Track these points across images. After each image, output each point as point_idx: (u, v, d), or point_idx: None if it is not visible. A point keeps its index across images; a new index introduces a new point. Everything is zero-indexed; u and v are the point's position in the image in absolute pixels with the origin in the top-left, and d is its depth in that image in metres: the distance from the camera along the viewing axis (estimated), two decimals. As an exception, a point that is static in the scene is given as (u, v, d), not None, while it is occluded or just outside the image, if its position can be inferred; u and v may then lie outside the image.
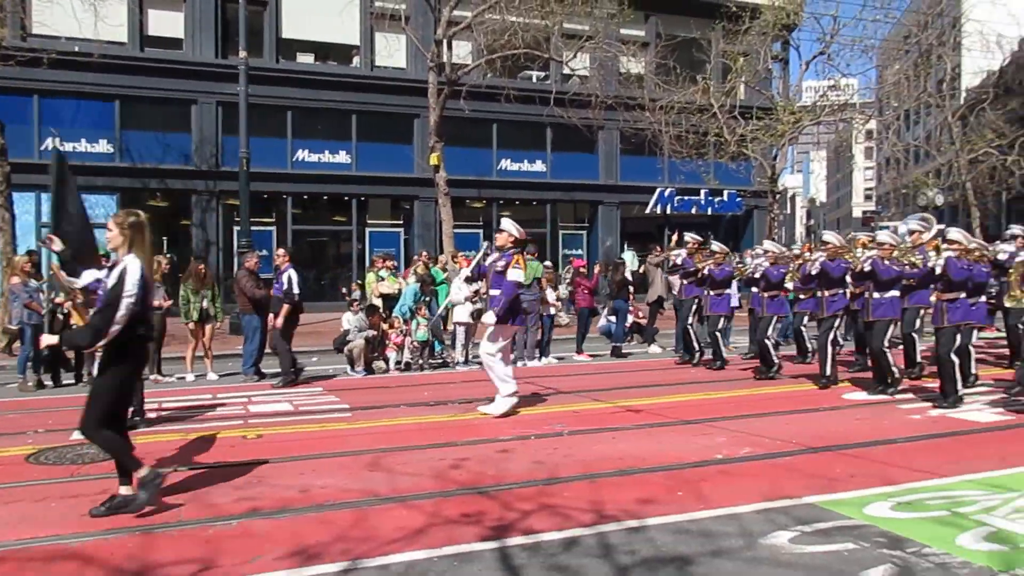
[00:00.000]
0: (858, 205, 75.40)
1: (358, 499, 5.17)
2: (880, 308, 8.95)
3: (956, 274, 8.20)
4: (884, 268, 8.81)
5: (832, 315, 9.74)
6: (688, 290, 12.23)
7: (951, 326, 8.28)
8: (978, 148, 24.41)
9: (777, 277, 10.57)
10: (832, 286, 9.67)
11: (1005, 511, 4.75)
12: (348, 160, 22.73)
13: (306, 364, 12.09)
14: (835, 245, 9.79)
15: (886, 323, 8.95)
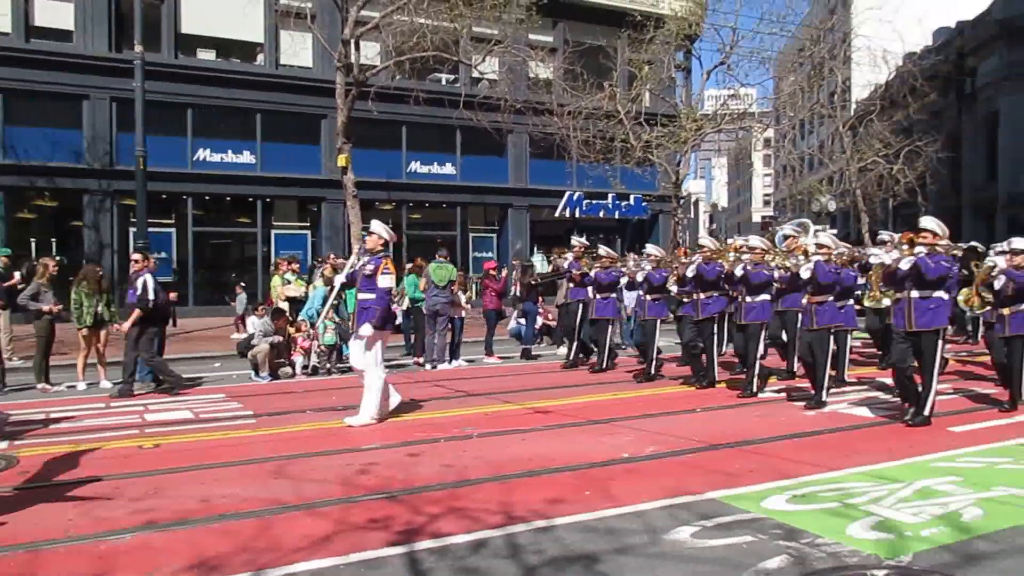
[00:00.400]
0: (757, 210, 78.38)
1: (261, 508, 5.03)
2: (752, 312, 9.17)
3: (823, 277, 8.36)
4: (754, 272, 9.00)
5: (708, 318, 9.85)
6: (574, 293, 12.24)
7: (821, 328, 8.44)
8: (867, 157, 25.71)
9: (659, 280, 10.64)
10: (708, 289, 9.77)
11: (891, 501, 5.00)
12: (252, 160, 22.13)
13: (207, 370, 11.71)
14: (710, 249, 9.95)
15: (758, 326, 9.17)
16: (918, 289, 7.33)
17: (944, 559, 4.04)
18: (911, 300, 7.38)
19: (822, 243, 8.79)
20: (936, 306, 7.31)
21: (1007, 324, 8.25)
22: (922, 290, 7.31)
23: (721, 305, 9.92)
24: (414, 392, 10.04)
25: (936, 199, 31.91)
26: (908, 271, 7.32)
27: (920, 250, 7.35)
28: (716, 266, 9.66)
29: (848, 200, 28.19)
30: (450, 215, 25.34)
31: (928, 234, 7.46)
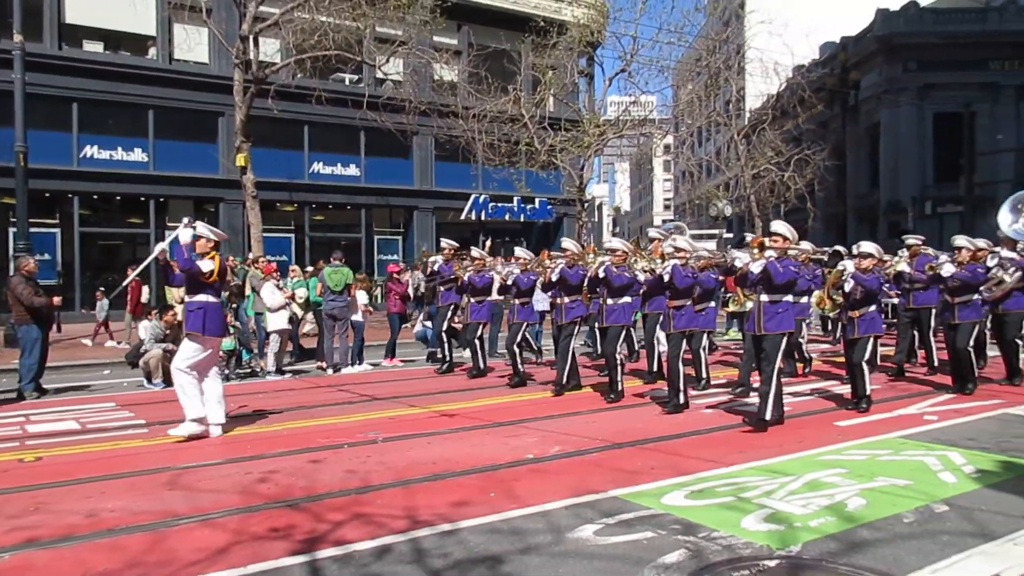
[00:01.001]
0: (658, 214, 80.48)
1: (153, 521, 4.81)
2: (613, 314, 9.06)
3: (680, 281, 8.36)
4: (616, 275, 8.89)
5: (571, 321, 9.63)
6: (445, 296, 11.95)
7: (677, 332, 8.45)
8: (760, 164, 26.78)
9: (527, 284, 10.46)
10: (571, 293, 9.56)
11: (782, 494, 5.22)
12: (144, 158, 21.21)
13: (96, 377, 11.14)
14: (573, 252, 9.76)
15: (619, 329, 9.04)
16: (767, 293, 7.38)
17: (831, 548, 4.25)
18: (760, 304, 7.44)
19: (679, 246, 8.72)
20: (784, 310, 7.36)
21: (855, 326, 8.43)
22: (771, 294, 7.36)
23: (583, 311, 9.79)
24: (318, 397, 9.85)
25: (823, 205, 33.57)
26: (759, 275, 7.36)
27: (770, 254, 7.39)
28: (579, 270, 9.50)
29: (743, 205, 29.28)
30: (354, 217, 24.97)
31: (779, 238, 7.51)
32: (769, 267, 7.25)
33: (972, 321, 9.24)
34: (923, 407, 8.45)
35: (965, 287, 9.21)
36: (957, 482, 5.48)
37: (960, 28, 33.71)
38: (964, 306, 9.24)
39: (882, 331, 8.70)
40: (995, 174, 31.11)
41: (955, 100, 31.67)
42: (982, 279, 9.41)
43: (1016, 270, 9.77)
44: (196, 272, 7.36)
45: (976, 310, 9.31)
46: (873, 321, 8.40)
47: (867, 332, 8.35)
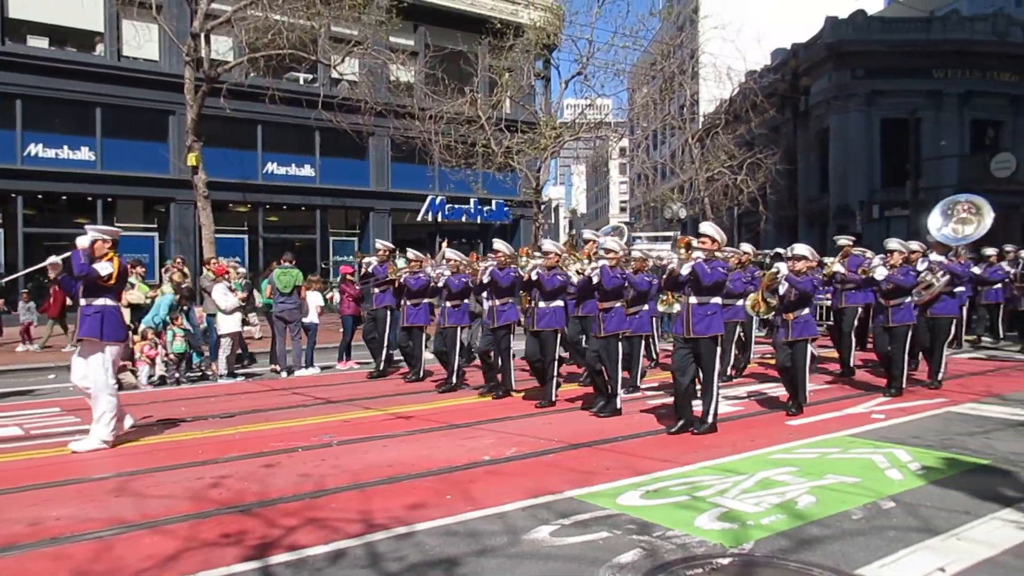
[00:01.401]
0: (615, 216, 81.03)
1: (100, 529, 4.70)
2: (545, 318, 8.82)
3: (609, 283, 8.07)
4: (548, 277, 8.66)
5: (503, 325, 9.35)
6: (380, 298, 11.57)
7: (608, 336, 8.20)
8: (713, 168, 27.16)
9: (458, 286, 10.09)
10: (502, 296, 9.30)
11: (735, 492, 5.30)
12: (92, 157, 20.69)
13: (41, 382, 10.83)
14: (504, 253, 9.42)
15: (552, 333, 8.82)
16: (696, 295, 7.25)
17: (782, 545, 4.32)
18: (689, 306, 7.30)
19: (608, 247, 8.42)
20: (713, 312, 7.25)
21: (790, 329, 8.31)
22: (700, 296, 7.24)
23: (516, 314, 9.54)
24: (271, 400, 9.72)
25: (775, 208, 34.17)
26: (688, 277, 7.21)
27: (698, 255, 7.26)
28: (511, 272, 9.21)
29: (697, 208, 29.66)
30: (309, 218, 24.68)
31: (707, 239, 7.39)
32: (697, 269, 7.14)
33: (906, 324, 9.30)
34: (871, 406, 8.65)
35: (898, 290, 9.26)
36: (903, 479, 5.63)
37: (906, 37, 34.59)
38: (897, 309, 9.29)
39: (816, 334, 8.63)
40: (939, 179, 31.99)
41: (901, 107, 32.48)
42: (914, 282, 9.46)
43: (944, 274, 9.85)
44: (94, 277, 7.05)
45: (909, 313, 9.37)
46: (807, 324, 8.32)
47: (801, 335, 8.25)
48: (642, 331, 9.49)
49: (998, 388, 9.72)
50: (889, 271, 9.29)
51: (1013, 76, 35.05)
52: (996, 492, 5.24)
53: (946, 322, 10.01)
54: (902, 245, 9.59)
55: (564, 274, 8.80)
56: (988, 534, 4.43)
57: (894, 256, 9.42)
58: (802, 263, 8.38)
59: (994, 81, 34.92)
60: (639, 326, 9.28)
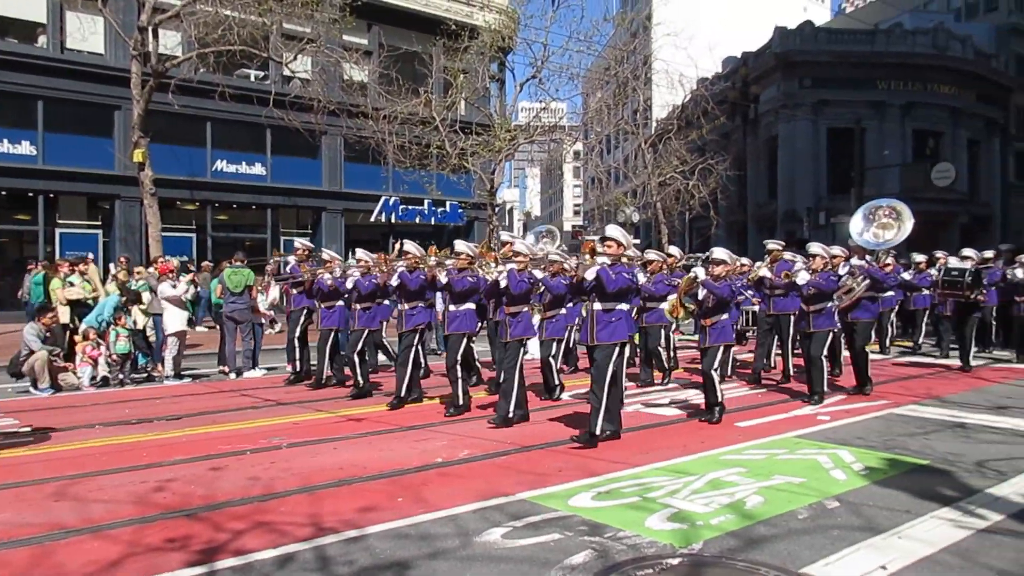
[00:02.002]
0: (568, 219, 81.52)
1: (39, 534, 4.56)
2: (455, 321, 8.49)
3: (516, 287, 7.87)
4: (458, 279, 8.36)
5: (411, 330, 8.87)
6: (297, 300, 11.09)
7: (514, 340, 7.94)
8: (666, 172, 27.49)
9: (368, 288, 9.55)
10: (412, 299, 8.87)
11: (685, 493, 5.36)
12: (33, 152, 20.05)
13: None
14: (415, 255, 8.97)
15: (460, 336, 8.47)
16: (600, 301, 6.99)
17: (731, 544, 4.38)
18: (593, 312, 7.02)
19: (517, 251, 8.19)
20: (618, 319, 6.96)
21: (707, 335, 8.10)
22: (604, 302, 6.97)
23: (425, 317, 9.18)
24: (219, 402, 9.54)
25: (726, 214, 34.77)
26: (592, 282, 6.92)
27: (603, 260, 6.97)
28: (421, 274, 8.75)
29: (650, 212, 29.97)
30: (260, 217, 24.28)
31: (612, 243, 7.10)
32: (601, 274, 6.85)
33: (826, 330, 9.21)
34: (817, 408, 8.83)
35: (820, 295, 9.14)
36: (847, 479, 5.75)
37: (851, 48, 35.51)
38: (818, 315, 9.19)
39: (732, 340, 8.52)
40: (882, 187, 32.83)
41: (847, 116, 33.33)
42: (835, 287, 9.32)
43: (864, 278, 9.75)
44: None
45: (830, 318, 9.25)
46: (724, 330, 8.13)
47: (717, 341, 8.07)
48: (557, 335, 9.18)
49: (938, 391, 10.01)
50: (811, 276, 9.21)
51: (952, 88, 36.26)
52: (935, 491, 5.39)
53: (865, 326, 9.95)
54: (824, 250, 9.47)
55: (475, 276, 8.49)
56: (927, 532, 4.56)
57: (816, 261, 9.33)
58: (720, 268, 8.18)
59: (935, 93, 36.07)
60: (554, 331, 9.04)
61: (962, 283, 11.54)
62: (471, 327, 8.60)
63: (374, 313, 9.96)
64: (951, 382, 10.85)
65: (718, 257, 8.25)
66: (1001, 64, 39.67)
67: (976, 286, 11.60)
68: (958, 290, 11.60)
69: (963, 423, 7.87)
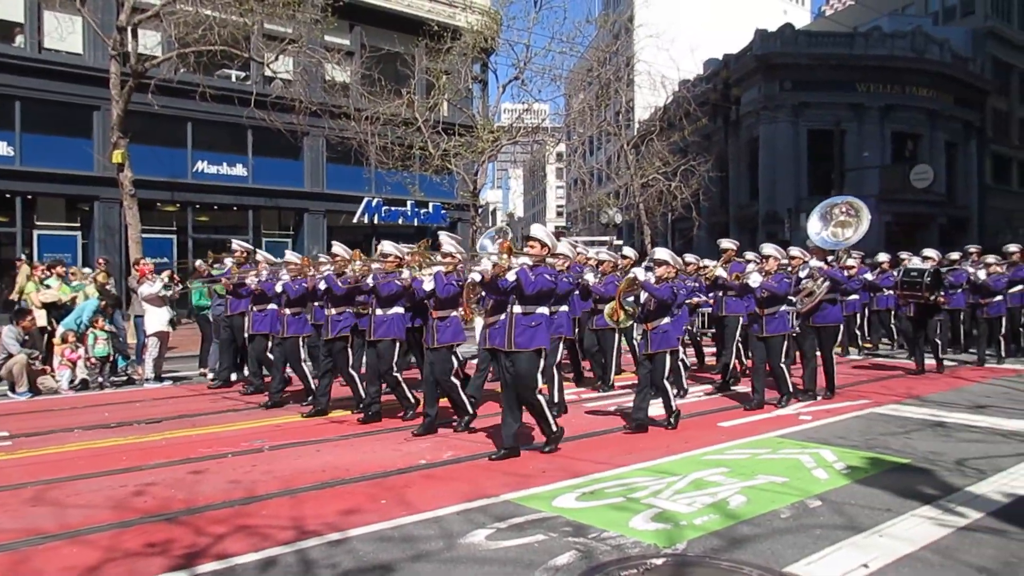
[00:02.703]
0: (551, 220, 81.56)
1: (15, 540, 4.49)
2: (383, 327, 7.99)
3: (442, 291, 7.47)
4: (384, 283, 7.88)
5: (338, 336, 8.50)
6: (234, 304, 10.54)
7: (442, 346, 7.60)
8: (648, 174, 27.55)
9: (296, 293, 8.94)
10: (338, 304, 8.45)
11: (668, 493, 5.37)
12: (11, 152, 19.80)
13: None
14: (342, 257, 8.56)
15: (390, 343, 8.02)
16: (520, 304, 6.49)
17: (714, 544, 4.40)
18: (512, 316, 6.50)
19: (446, 252, 7.94)
20: (538, 324, 6.47)
21: (648, 340, 7.65)
22: (524, 305, 6.48)
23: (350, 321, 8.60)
24: (200, 405, 9.45)
25: (708, 215, 34.92)
26: (512, 283, 6.42)
27: (524, 260, 6.58)
28: (348, 279, 8.35)
29: (633, 213, 30.04)
30: (241, 218, 24.10)
31: (535, 243, 6.69)
32: (520, 275, 6.38)
33: (781, 335, 8.82)
34: (799, 407, 8.89)
35: (773, 298, 8.73)
36: (829, 478, 5.79)
37: (831, 51, 35.82)
38: (772, 318, 8.76)
39: (676, 345, 8.02)
40: (861, 188, 33.13)
41: (827, 118, 33.59)
42: (788, 290, 8.88)
43: (824, 280, 9.34)
44: None
45: (784, 322, 8.80)
46: (666, 335, 7.61)
47: (660, 347, 7.59)
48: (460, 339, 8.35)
49: (918, 390, 10.10)
50: (764, 278, 8.80)
51: (930, 91, 36.68)
52: (916, 490, 5.43)
53: (832, 330, 9.67)
54: (777, 251, 9.13)
55: (402, 279, 7.97)
56: (908, 530, 4.59)
57: (769, 262, 8.97)
58: (663, 269, 7.70)
59: (913, 96, 36.46)
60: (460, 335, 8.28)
61: (921, 284, 11.12)
62: (399, 332, 8.08)
63: (304, 318, 9.32)
64: (932, 382, 10.94)
65: (660, 258, 7.81)
66: (978, 67, 40.19)
67: (935, 287, 11.23)
68: (917, 291, 11.20)
69: (943, 422, 7.95)
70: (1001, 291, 12.90)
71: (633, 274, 7.70)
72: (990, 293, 12.90)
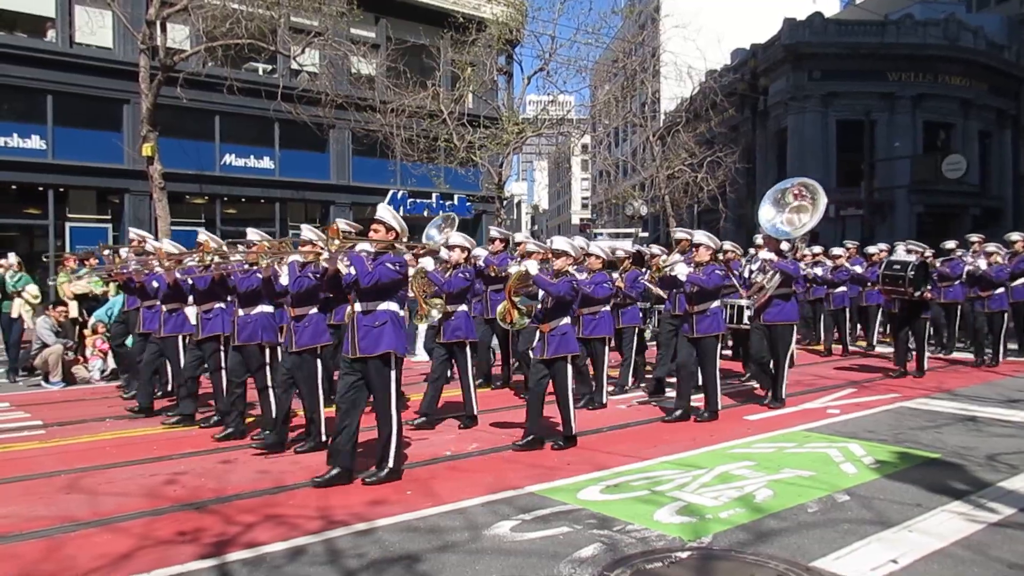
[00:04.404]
0: (576, 213, 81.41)
1: (50, 527, 4.58)
2: (247, 329, 7.09)
3: (295, 286, 6.43)
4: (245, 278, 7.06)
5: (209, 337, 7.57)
6: (131, 302, 9.53)
7: (302, 350, 6.64)
8: (674, 165, 27.35)
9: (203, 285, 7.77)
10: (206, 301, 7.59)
11: (694, 487, 5.35)
12: (43, 146, 20.11)
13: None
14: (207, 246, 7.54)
15: (256, 349, 7.12)
16: (360, 301, 5.58)
17: (740, 538, 4.37)
18: (354, 316, 5.61)
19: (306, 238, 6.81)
20: (382, 324, 5.53)
21: (545, 345, 6.60)
22: (364, 302, 5.55)
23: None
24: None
25: (734, 206, 34.54)
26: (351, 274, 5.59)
27: (364, 247, 5.72)
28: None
29: (658, 205, 29.87)
30: (268, 211, 24.30)
31: (380, 227, 5.80)
32: (354, 263, 5.60)
33: (714, 335, 7.77)
34: (826, 401, 8.81)
35: (703, 294, 7.66)
36: (857, 472, 5.73)
37: (861, 40, 35.26)
38: (703, 317, 7.71)
39: (576, 350, 6.71)
40: (892, 180, 32.72)
41: (856, 108, 33.09)
42: (720, 283, 7.83)
43: (775, 273, 8.29)
44: None
45: (717, 321, 7.79)
46: (565, 339, 6.55)
47: (558, 352, 6.50)
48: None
49: (949, 384, 9.96)
50: (695, 270, 7.82)
51: (963, 80, 35.98)
52: (946, 485, 5.36)
53: (784, 330, 8.46)
54: (710, 239, 8.07)
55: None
56: (939, 526, 4.54)
57: (699, 252, 7.93)
58: (561, 260, 6.75)
59: (946, 84, 35.78)
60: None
61: (903, 278, 9.87)
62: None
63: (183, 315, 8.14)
64: (963, 376, 10.79)
65: (559, 248, 6.89)
66: (1013, 55, 39.34)
67: (920, 282, 9.97)
68: (899, 286, 9.96)
69: (974, 416, 7.83)
70: (1003, 283, 11.69)
71: (524, 267, 6.57)
72: (991, 285, 11.64)
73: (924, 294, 10.21)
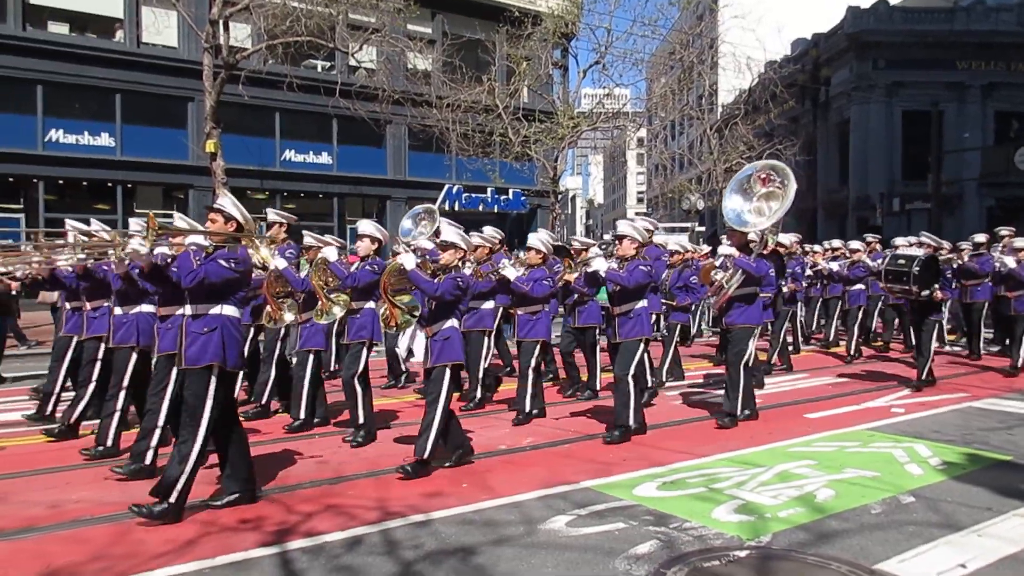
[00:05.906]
0: (631, 207, 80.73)
1: (119, 512, 4.73)
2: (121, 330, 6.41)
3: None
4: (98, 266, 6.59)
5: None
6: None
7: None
8: (732, 159, 26.88)
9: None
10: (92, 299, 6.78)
11: (752, 485, 5.26)
12: (112, 143, 20.81)
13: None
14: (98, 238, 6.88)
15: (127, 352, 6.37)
16: (191, 303, 4.94)
17: (800, 538, 4.29)
18: (183, 320, 4.96)
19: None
20: (211, 329, 4.82)
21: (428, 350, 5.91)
22: (193, 304, 4.92)
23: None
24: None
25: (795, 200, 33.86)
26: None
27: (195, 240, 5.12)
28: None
29: (715, 199, 29.42)
30: (327, 206, 24.74)
31: (217, 218, 5.24)
32: (179, 259, 4.95)
33: (636, 339, 6.80)
34: (890, 400, 8.58)
35: (624, 293, 6.81)
36: (923, 474, 5.57)
37: (928, 27, 34.13)
38: (626, 319, 6.82)
39: (458, 358, 5.87)
40: (961, 172, 31.63)
41: (923, 98, 32.08)
42: (643, 281, 6.82)
43: (737, 271, 7.42)
44: None
45: (641, 324, 6.86)
46: (449, 344, 5.80)
47: (440, 360, 5.76)
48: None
49: (1020, 384, 9.61)
50: (618, 267, 6.92)
51: (1038, 68, 34.55)
52: (1019, 488, 5.17)
53: (742, 333, 7.49)
54: (636, 231, 7.05)
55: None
56: (1011, 530, 4.38)
57: (623, 245, 6.92)
58: (448, 254, 6.05)
59: (1019, 72, 34.38)
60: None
61: (908, 275, 8.90)
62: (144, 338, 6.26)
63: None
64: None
65: (446, 239, 6.16)
66: (1092, 41, 37.62)
67: (928, 280, 9.01)
68: (904, 284, 8.99)
69: (1048, 418, 7.54)
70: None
71: (400, 262, 5.85)
72: (1018, 284, 10.48)
73: (935, 294, 9.21)
